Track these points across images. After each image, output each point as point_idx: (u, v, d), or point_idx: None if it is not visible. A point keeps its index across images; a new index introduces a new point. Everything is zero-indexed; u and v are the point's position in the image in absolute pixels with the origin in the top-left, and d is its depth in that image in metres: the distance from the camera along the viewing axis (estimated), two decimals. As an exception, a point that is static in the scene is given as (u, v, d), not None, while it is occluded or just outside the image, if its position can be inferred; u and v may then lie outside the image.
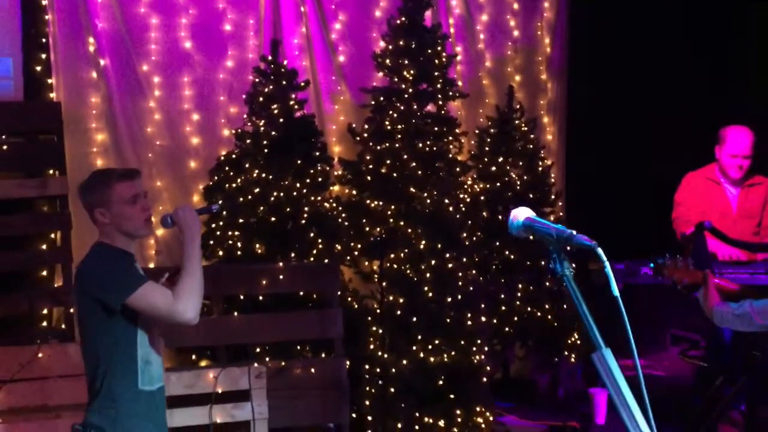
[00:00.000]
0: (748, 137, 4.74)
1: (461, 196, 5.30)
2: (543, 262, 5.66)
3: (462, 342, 4.62)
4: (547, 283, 5.59)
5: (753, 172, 4.90)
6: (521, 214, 1.79)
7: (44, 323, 4.71)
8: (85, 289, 2.79)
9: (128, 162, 5.05)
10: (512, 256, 5.60)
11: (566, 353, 5.56)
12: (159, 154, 5.16)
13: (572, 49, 6.96)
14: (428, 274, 4.65)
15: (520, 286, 5.56)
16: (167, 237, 5.12)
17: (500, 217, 5.65)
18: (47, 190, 4.59)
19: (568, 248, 1.74)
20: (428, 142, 5.20)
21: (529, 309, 5.52)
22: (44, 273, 4.74)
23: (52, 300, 4.58)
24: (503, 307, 5.48)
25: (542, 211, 5.80)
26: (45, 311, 4.71)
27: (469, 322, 4.71)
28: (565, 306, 5.56)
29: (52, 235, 4.76)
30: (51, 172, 4.74)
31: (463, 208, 5.31)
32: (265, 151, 4.72)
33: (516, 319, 5.50)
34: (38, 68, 4.73)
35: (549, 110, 6.90)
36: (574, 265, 1.76)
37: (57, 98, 4.79)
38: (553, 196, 5.79)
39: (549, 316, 5.55)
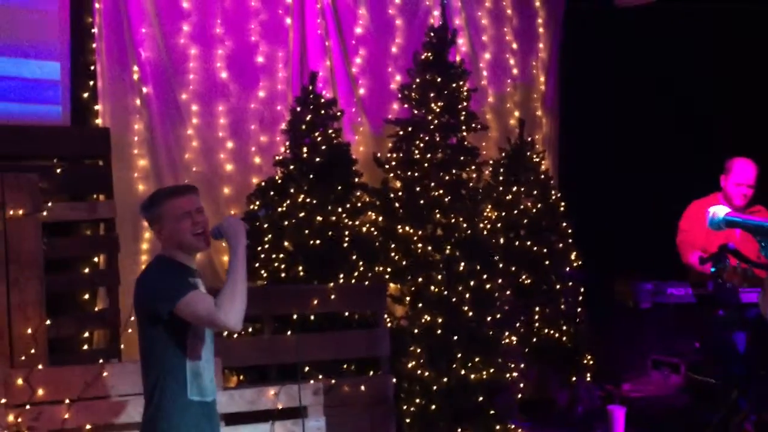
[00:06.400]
0: (753, 168, 5.17)
1: (483, 222, 5.57)
2: (558, 286, 5.96)
3: (499, 359, 4.84)
4: (563, 306, 5.88)
5: (753, 201, 5.31)
6: (720, 211, 2.02)
7: (85, 346, 4.74)
8: (139, 299, 2.87)
9: (166, 188, 5.16)
10: (528, 280, 5.88)
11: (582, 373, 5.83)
12: (195, 180, 5.25)
13: (564, 86, 7.40)
14: (467, 295, 4.87)
15: (537, 308, 5.83)
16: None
17: (516, 243, 5.94)
18: (96, 213, 4.65)
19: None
20: (453, 171, 5.48)
21: (546, 330, 5.79)
22: (86, 296, 4.78)
23: (99, 322, 4.62)
24: (522, 329, 5.74)
25: (552, 238, 6.13)
26: (86, 334, 4.74)
27: (506, 341, 4.94)
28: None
29: (95, 259, 4.81)
30: (95, 196, 4.82)
31: (485, 233, 5.58)
32: (310, 176, 4.90)
33: (534, 340, 5.76)
34: (85, 95, 4.82)
35: (544, 144, 7.29)
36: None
37: (103, 124, 4.89)
38: (564, 224, 6.10)
39: (564, 338, 5.83)
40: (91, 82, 4.84)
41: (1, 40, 4.55)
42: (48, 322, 4.10)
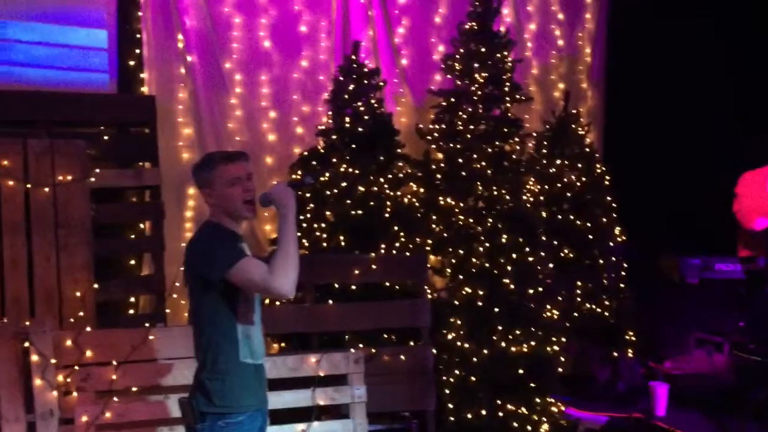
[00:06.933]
0: (808, 140, 5.00)
1: (526, 195, 5.50)
2: (601, 261, 5.88)
3: (540, 333, 4.81)
4: (605, 281, 5.80)
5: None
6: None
7: (131, 311, 4.82)
8: (190, 264, 2.87)
9: (210, 157, 5.19)
10: (571, 255, 5.81)
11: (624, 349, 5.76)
12: (238, 149, 5.28)
13: (610, 58, 7.24)
14: (508, 268, 4.83)
15: (579, 283, 5.76)
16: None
17: (559, 216, 5.87)
18: (142, 180, 4.71)
19: None
20: (496, 143, 5.41)
21: (587, 305, 5.72)
22: (132, 262, 4.86)
23: (145, 288, 4.70)
24: (564, 303, 5.68)
25: (596, 212, 6.03)
26: (132, 299, 4.83)
27: (548, 314, 4.90)
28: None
29: (141, 225, 4.88)
30: (141, 163, 4.87)
31: (528, 206, 5.51)
32: (352, 147, 4.89)
33: (576, 314, 5.70)
34: (131, 63, 4.86)
35: (589, 116, 7.16)
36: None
37: (148, 92, 4.93)
38: (608, 198, 6.00)
39: (606, 313, 5.76)
40: (137, 50, 4.87)
41: (50, 7, 4.61)
42: (96, 285, 4.18)
